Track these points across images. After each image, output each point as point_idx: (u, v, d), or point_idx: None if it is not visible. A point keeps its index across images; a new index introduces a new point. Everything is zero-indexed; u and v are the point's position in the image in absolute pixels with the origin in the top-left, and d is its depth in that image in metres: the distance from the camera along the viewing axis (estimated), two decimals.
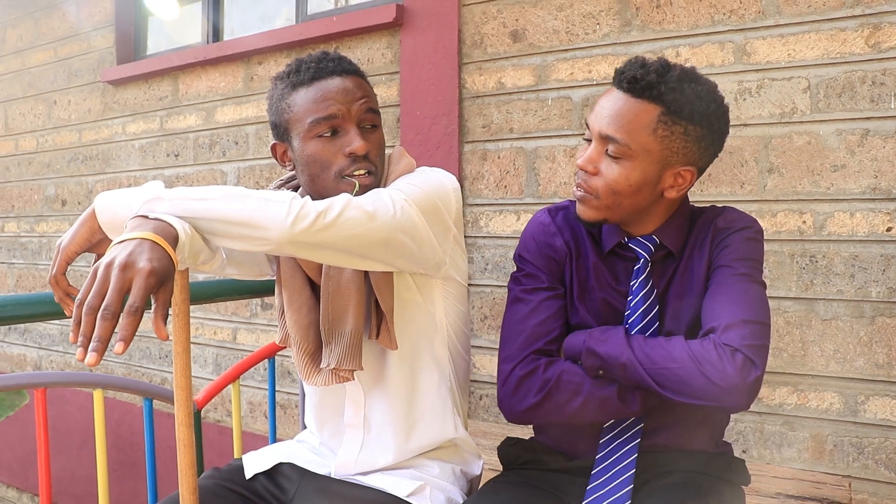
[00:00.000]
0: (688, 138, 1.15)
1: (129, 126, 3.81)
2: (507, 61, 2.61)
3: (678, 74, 1.14)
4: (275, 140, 1.32)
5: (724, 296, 1.17)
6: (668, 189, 1.19)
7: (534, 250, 1.32)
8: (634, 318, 1.25)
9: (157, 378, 3.71)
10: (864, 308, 2.07)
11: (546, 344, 1.26)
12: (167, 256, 1.00)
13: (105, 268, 0.95)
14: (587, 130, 1.21)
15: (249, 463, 1.41)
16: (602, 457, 1.25)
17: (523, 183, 2.60)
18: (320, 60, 1.26)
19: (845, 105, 2.07)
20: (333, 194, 1.19)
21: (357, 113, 1.24)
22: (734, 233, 1.22)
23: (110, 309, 0.91)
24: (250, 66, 3.30)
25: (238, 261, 1.32)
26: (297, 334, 1.34)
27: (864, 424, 2.07)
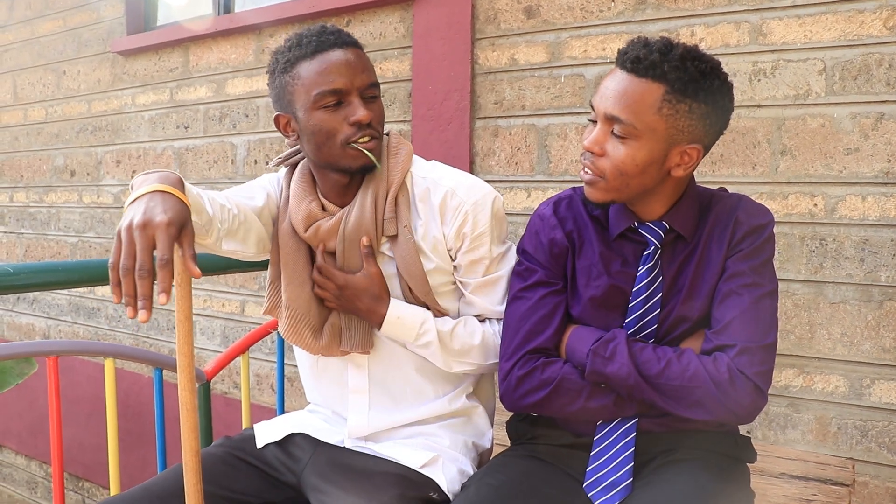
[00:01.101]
0: (693, 116, 1.15)
1: (139, 97, 3.80)
2: (520, 37, 2.59)
3: (681, 53, 1.14)
4: (277, 112, 1.35)
5: (738, 309, 1.19)
6: (674, 168, 1.20)
7: (534, 244, 1.34)
8: (636, 303, 1.26)
9: (165, 349, 3.74)
10: (873, 292, 2.07)
11: (544, 342, 1.29)
12: (179, 202, 1.06)
13: (126, 230, 1.01)
14: (592, 112, 1.22)
15: (261, 432, 1.43)
16: (600, 438, 1.27)
17: (534, 160, 2.59)
18: (321, 34, 1.29)
19: (861, 88, 2.06)
20: (339, 162, 1.29)
21: (360, 85, 1.28)
22: (755, 231, 1.23)
23: (145, 268, 0.98)
24: (261, 39, 3.28)
25: (240, 237, 1.33)
26: (299, 308, 1.37)
27: (868, 408, 2.08)
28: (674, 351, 1.20)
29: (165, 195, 1.06)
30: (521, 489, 1.21)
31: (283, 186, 1.42)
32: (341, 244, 1.33)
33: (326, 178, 1.36)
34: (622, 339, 1.22)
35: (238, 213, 1.30)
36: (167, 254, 1.00)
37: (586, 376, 1.23)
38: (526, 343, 1.28)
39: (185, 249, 1.04)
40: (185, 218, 1.05)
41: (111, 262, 1.01)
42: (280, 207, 1.41)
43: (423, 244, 1.35)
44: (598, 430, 1.27)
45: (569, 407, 1.25)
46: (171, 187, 1.08)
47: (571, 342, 1.27)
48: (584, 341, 1.25)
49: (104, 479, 3.99)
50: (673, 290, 1.25)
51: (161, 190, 1.07)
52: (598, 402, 1.24)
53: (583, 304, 1.29)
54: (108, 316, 4.08)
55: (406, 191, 1.36)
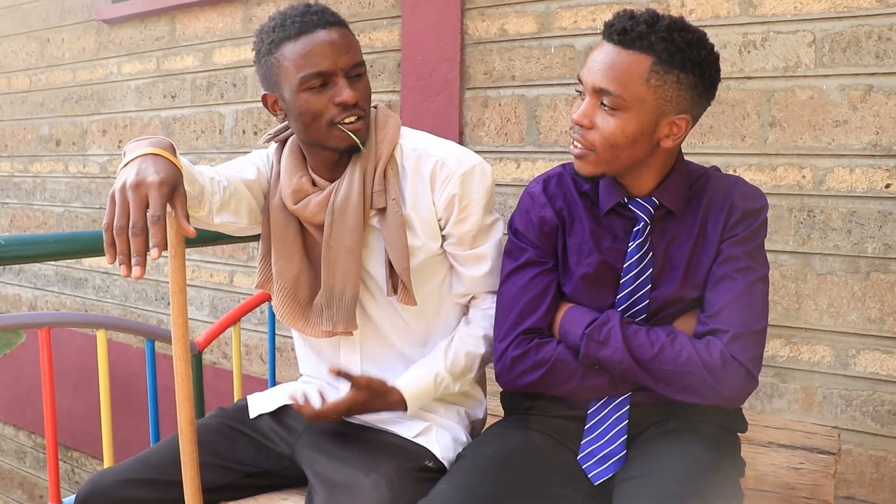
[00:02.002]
0: (681, 86, 1.16)
1: (125, 66, 3.75)
2: (509, 7, 2.57)
3: (668, 24, 1.15)
4: (265, 91, 1.35)
5: (732, 294, 1.21)
6: (664, 139, 1.20)
7: (525, 223, 1.35)
8: (627, 279, 1.27)
9: (154, 319, 3.74)
10: (860, 263, 2.09)
11: (536, 321, 1.30)
12: (171, 164, 1.09)
13: (120, 191, 1.04)
14: (580, 84, 1.22)
15: (254, 403, 1.44)
16: (594, 411, 1.29)
17: (524, 131, 2.59)
18: (304, 14, 1.28)
19: (850, 60, 2.06)
20: (326, 141, 1.31)
21: (344, 65, 1.28)
22: (750, 215, 1.24)
23: (138, 225, 1.01)
24: (249, 8, 3.24)
25: (232, 208, 1.34)
26: (287, 282, 1.39)
27: (853, 377, 2.12)
28: (667, 335, 1.21)
29: (157, 157, 1.09)
30: (516, 459, 1.22)
31: (274, 162, 1.43)
32: (329, 217, 1.33)
33: (316, 154, 1.37)
34: (616, 323, 1.23)
35: (228, 185, 1.30)
36: (159, 210, 1.03)
37: (580, 359, 1.25)
38: (519, 323, 1.30)
39: (178, 209, 1.07)
40: (176, 179, 1.08)
41: (105, 224, 1.04)
42: (271, 182, 1.41)
43: (412, 216, 1.36)
44: (592, 403, 1.29)
45: (564, 386, 1.27)
46: (163, 150, 1.10)
47: (565, 323, 1.28)
48: (578, 322, 1.26)
49: (93, 449, 4.01)
50: (666, 269, 1.26)
51: (153, 153, 1.09)
52: (593, 382, 1.26)
53: (574, 281, 1.30)
54: (96, 286, 4.06)
55: (395, 163, 1.37)
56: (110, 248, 1.03)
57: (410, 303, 1.35)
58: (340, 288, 1.35)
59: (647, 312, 1.27)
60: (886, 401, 2.09)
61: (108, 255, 1.03)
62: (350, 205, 1.32)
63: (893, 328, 2.06)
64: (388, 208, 1.34)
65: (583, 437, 1.27)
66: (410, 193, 1.37)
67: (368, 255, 1.38)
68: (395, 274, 1.34)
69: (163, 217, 1.03)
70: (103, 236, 1.03)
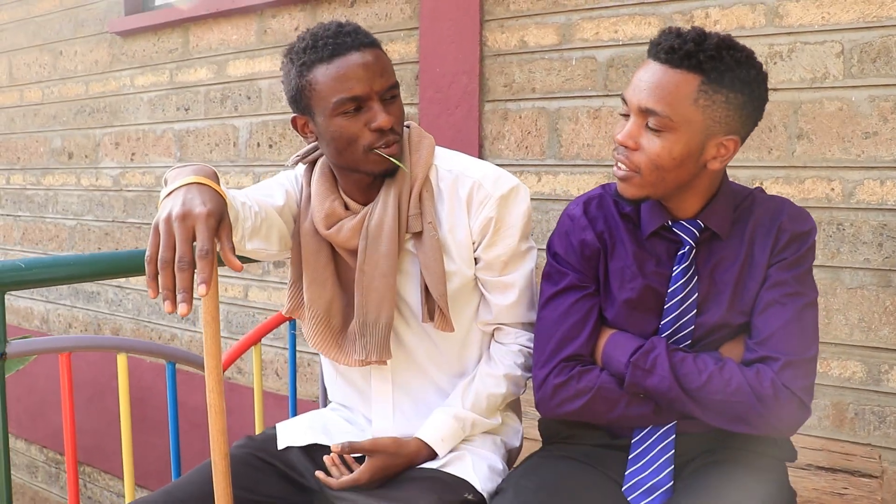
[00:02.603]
0: (729, 107, 1.12)
1: (138, 78, 3.74)
2: (530, 19, 2.55)
3: (716, 42, 1.11)
4: (295, 113, 1.31)
5: (782, 320, 1.17)
6: (711, 160, 1.16)
7: (565, 246, 1.31)
8: (671, 304, 1.23)
9: (167, 334, 3.71)
10: (892, 277, 2.05)
11: (578, 348, 1.26)
12: (216, 194, 1.05)
13: (165, 222, 1.00)
14: (624, 105, 1.18)
15: (284, 434, 1.40)
16: (638, 440, 1.25)
17: (545, 144, 2.56)
18: (337, 35, 1.24)
19: (880, 71, 2.03)
20: (362, 166, 1.26)
21: (379, 88, 1.24)
22: (799, 239, 1.20)
23: (185, 259, 0.97)
24: (264, 20, 3.22)
25: (263, 234, 1.30)
26: (319, 309, 1.35)
27: (886, 394, 2.07)
28: (715, 363, 1.17)
29: (202, 187, 1.05)
30: (559, 492, 1.19)
31: (304, 184, 1.39)
32: (363, 242, 1.30)
33: (348, 177, 1.33)
34: (662, 350, 1.19)
35: (259, 211, 1.27)
36: (208, 244, 0.98)
37: (625, 388, 1.21)
38: (560, 350, 1.26)
39: (224, 242, 1.02)
40: (223, 210, 1.04)
41: (148, 255, 0.99)
42: (301, 206, 1.38)
43: (448, 239, 1.32)
44: (636, 432, 1.25)
45: (608, 415, 1.24)
46: (208, 179, 1.06)
47: (608, 350, 1.24)
48: (622, 349, 1.22)
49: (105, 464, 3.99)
50: (712, 294, 1.22)
51: (198, 182, 1.05)
52: (638, 411, 1.22)
53: (617, 306, 1.26)
54: (109, 300, 4.04)
55: (430, 185, 1.33)
56: (153, 281, 0.98)
57: (448, 329, 1.31)
58: (375, 315, 1.31)
59: (692, 338, 1.23)
60: None
61: (151, 290, 0.98)
62: (385, 229, 1.28)
63: None
64: (425, 232, 1.30)
65: (627, 467, 1.23)
66: (447, 216, 1.33)
67: (403, 280, 1.34)
68: (432, 299, 1.30)
69: (212, 251, 0.98)
70: (146, 268, 0.98)
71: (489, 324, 1.39)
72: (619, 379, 1.22)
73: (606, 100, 2.41)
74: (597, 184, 2.45)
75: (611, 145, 2.41)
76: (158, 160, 3.69)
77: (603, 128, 2.43)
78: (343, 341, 1.36)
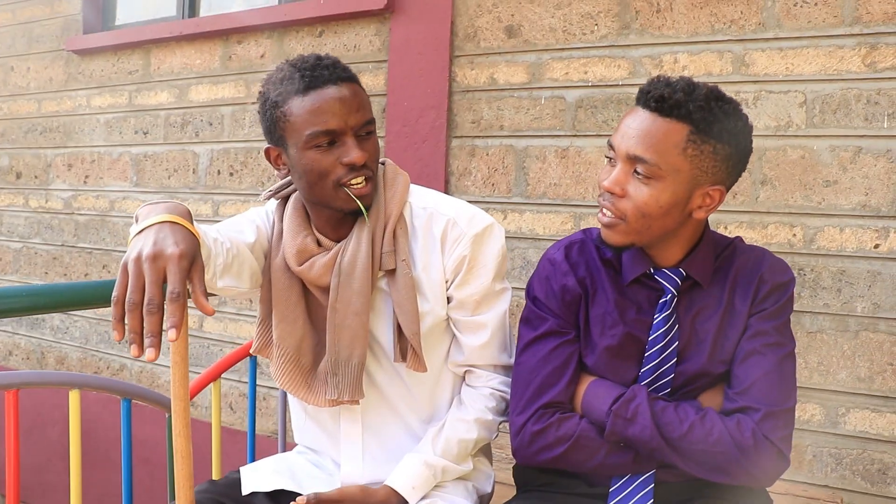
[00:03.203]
0: (717, 157, 1.13)
1: (95, 99, 3.64)
2: (500, 57, 2.56)
3: (705, 93, 1.13)
4: (269, 144, 1.29)
5: (762, 370, 1.18)
6: (696, 210, 1.17)
7: (545, 291, 1.30)
8: (652, 352, 1.23)
9: (116, 364, 3.59)
10: (849, 322, 2.10)
11: (557, 395, 1.25)
12: (189, 234, 1.02)
13: (135, 262, 0.96)
14: (611, 151, 1.18)
15: (248, 479, 1.35)
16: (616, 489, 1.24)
17: (512, 182, 2.56)
18: (315, 68, 1.22)
19: (840, 122, 2.09)
20: (332, 202, 1.24)
21: (354, 124, 1.22)
22: (779, 289, 1.22)
23: (155, 302, 0.93)
24: (229, 45, 3.18)
25: (234, 271, 1.27)
26: (289, 347, 1.32)
27: (843, 436, 2.11)
28: (696, 412, 1.18)
29: (175, 226, 1.01)
30: None
31: (276, 220, 1.36)
32: (336, 279, 1.27)
33: (320, 213, 1.31)
34: (643, 399, 1.18)
35: (231, 247, 1.24)
36: (179, 287, 0.94)
37: (606, 436, 1.20)
38: (539, 397, 1.24)
39: (196, 285, 0.98)
40: (195, 251, 1.00)
41: (115, 296, 0.94)
42: (272, 242, 1.34)
43: (422, 278, 1.30)
44: (614, 481, 1.24)
45: (587, 464, 1.23)
46: (181, 218, 1.03)
47: (588, 398, 1.23)
48: (602, 398, 1.21)
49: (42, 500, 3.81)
50: (693, 343, 1.23)
51: (170, 220, 1.01)
52: (617, 460, 1.21)
53: (598, 353, 1.26)
54: (54, 327, 3.89)
55: (404, 223, 1.32)
56: (118, 323, 0.94)
57: (421, 369, 1.29)
58: (347, 354, 1.28)
59: (671, 387, 1.23)
60: (876, 459, 2.08)
61: (116, 332, 0.94)
62: (358, 266, 1.26)
63: (883, 387, 2.07)
64: (398, 269, 1.28)
65: None
66: (421, 254, 1.31)
67: (375, 318, 1.32)
68: (404, 339, 1.28)
69: (183, 294, 0.94)
70: (112, 309, 0.94)
71: (460, 365, 1.37)
72: (599, 427, 1.21)
73: (574, 140, 2.44)
74: (563, 223, 2.47)
75: (578, 185, 2.43)
76: (113, 184, 3.59)
77: (570, 167, 2.45)
78: (313, 381, 1.33)
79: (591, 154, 2.41)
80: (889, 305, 2.05)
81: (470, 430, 1.33)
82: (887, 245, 2.05)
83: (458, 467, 1.33)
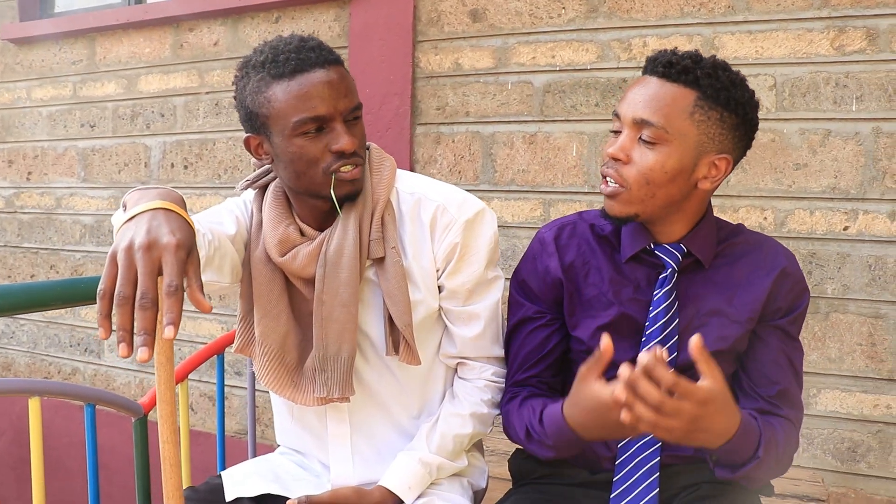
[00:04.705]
0: (723, 125, 1.12)
1: (36, 91, 3.46)
2: (465, 41, 2.51)
3: (712, 62, 1.12)
4: (248, 133, 1.21)
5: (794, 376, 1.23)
6: (702, 180, 1.14)
7: (530, 269, 1.30)
8: (653, 331, 1.20)
9: (67, 368, 3.44)
10: (820, 304, 2.11)
11: (529, 372, 1.28)
12: (185, 223, 0.93)
13: (125, 252, 0.86)
14: (616, 121, 1.16)
15: (231, 484, 1.28)
16: (621, 478, 1.20)
17: (479, 169, 2.52)
18: (300, 50, 1.15)
19: (809, 105, 2.10)
20: (320, 189, 1.18)
21: (343, 109, 1.16)
22: (803, 289, 1.22)
23: (148, 296, 0.84)
24: (179, 33, 3.05)
25: (216, 265, 1.20)
26: (273, 344, 1.25)
27: (814, 416, 2.13)
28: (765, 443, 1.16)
29: (170, 214, 0.93)
30: None
31: (254, 210, 1.29)
32: (322, 269, 1.21)
33: (304, 203, 1.24)
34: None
35: (213, 239, 1.16)
36: (177, 279, 0.85)
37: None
38: (512, 377, 1.29)
39: (192, 279, 0.89)
40: (192, 242, 0.92)
41: (102, 290, 0.85)
42: (251, 233, 1.27)
43: (413, 266, 1.25)
44: (618, 469, 1.20)
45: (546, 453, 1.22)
46: (175, 205, 0.95)
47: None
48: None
49: None
50: (694, 324, 1.20)
51: (164, 207, 0.93)
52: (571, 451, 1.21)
53: (591, 331, 1.23)
54: None
55: (392, 209, 1.26)
56: (105, 319, 0.84)
57: (414, 362, 1.24)
58: (335, 348, 1.22)
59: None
60: (846, 438, 2.11)
61: (102, 330, 0.84)
62: (345, 255, 1.20)
63: (852, 367, 2.09)
64: (388, 258, 1.22)
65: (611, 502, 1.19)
66: (410, 242, 1.26)
67: (363, 311, 1.26)
68: (396, 331, 1.22)
69: (181, 287, 0.86)
70: (98, 304, 0.85)
71: (453, 357, 1.32)
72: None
73: (543, 125, 2.40)
74: (532, 210, 2.43)
75: (547, 171, 2.40)
76: (59, 180, 3.43)
77: (539, 153, 2.41)
78: (299, 379, 1.27)
79: (559, 139, 2.38)
80: (858, 286, 2.07)
81: (465, 424, 1.28)
82: (856, 227, 2.07)
83: (454, 464, 1.28)
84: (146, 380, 3.26)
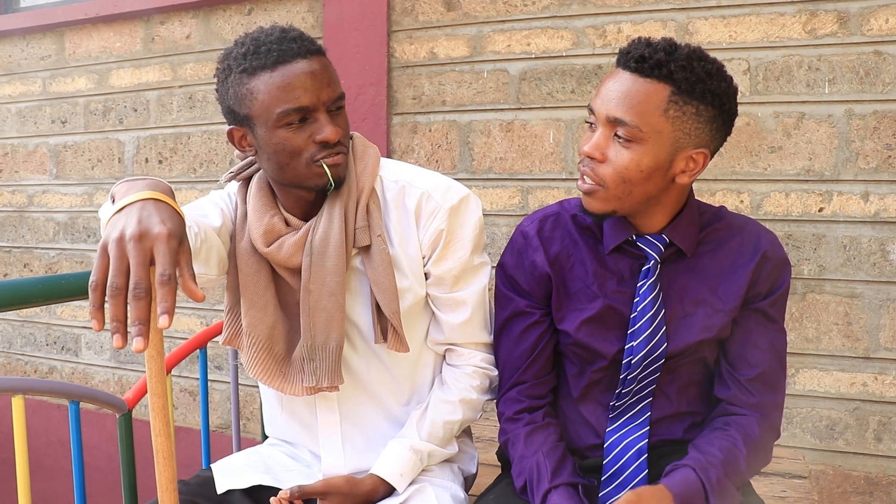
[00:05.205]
0: (700, 119, 1.09)
1: (4, 87, 3.40)
2: (440, 30, 2.51)
3: (686, 53, 1.08)
4: (231, 125, 1.21)
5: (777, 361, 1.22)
6: (679, 174, 1.13)
7: (515, 264, 1.29)
8: (642, 323, 1.20)
9: (44, 367, 3.40)
10: (797, 285, 2.14)
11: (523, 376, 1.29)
12: (175, 213, 0.93)
13: (117, 242, 0.86)
14: (591, 116, 1.14)
15: (222, 476, 1.28)
16: (610, 461, 1.21)
17: (456, 157, 2.52)
18: (281, 41, 1.14)
19: (783, 88, 2.12)
20: (305, 180, 1.18)
21: (326, 99, 1.15)
22: (784, 271, 1.23)
23: (142, 286, 0.84)
24: (151, 26, 3.01)
25: (202, 258, 1.19)
26: (261, 335, 1.25)
27: (792, 395, 2.17)
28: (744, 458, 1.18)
29: (160, 204, 0.92)
30: None
31: (238, 202, 1.28)
32: (308, 259, 1.21)
33: (289, 194, 1.24)
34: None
35: (199, 232, 1.15)
36: (170, 268, 0.86)
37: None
38: (508, 380, 1.30)
39: (184, 268, 0.89)
40: (183, 231, 0.91)
41: (93, 281, 0.85)
42: (237, 225, 1.27)
43: (399, 254, 1.25)
44: (607, 452, 1.22)
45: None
46: (164, 195, 0.94)
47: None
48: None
49: None
50: (679, 313, 1.20)
51: (154, 198, 0.93)
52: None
53: (577, 324, 1.23)
54: None
55: (376, 197, 1.26)
56: (97, 311, 0.84)
57: (402, 349, 1.24)
58: (324, 337, 1.22)
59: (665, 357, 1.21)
60: (824, 416, 2.15)
61: (96, 322, 0.84)
62: (331, 243, 1.20)
63: (829, 346, 2.13)
64: (373, 245, 1.22)
65: (601, 489, 1.20)
66: (395, 230, 1.26)
67: (350, 299, 1.26)
68: (384, 318, 1.23)
69: (174, 277, 0.86)
70: (90, 296, 0.85)
71: (440, 343, 1.33)
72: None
73: (519, 113, 2.41)
74: (510, 198, 2.44)
75: (524, 159, 2.41)
76: (31, 177, 3.38)
77: (516, 141, 2.42)
78: (288, 369, 1.26)
79: (536, 127, 2.39)
80: (834, 267, 2.11)
81: (454, 411, 1.29)
82: (831, 208, 2.10)
83: (444, 450, 1.29)
84: (125, 377, 3.23)
